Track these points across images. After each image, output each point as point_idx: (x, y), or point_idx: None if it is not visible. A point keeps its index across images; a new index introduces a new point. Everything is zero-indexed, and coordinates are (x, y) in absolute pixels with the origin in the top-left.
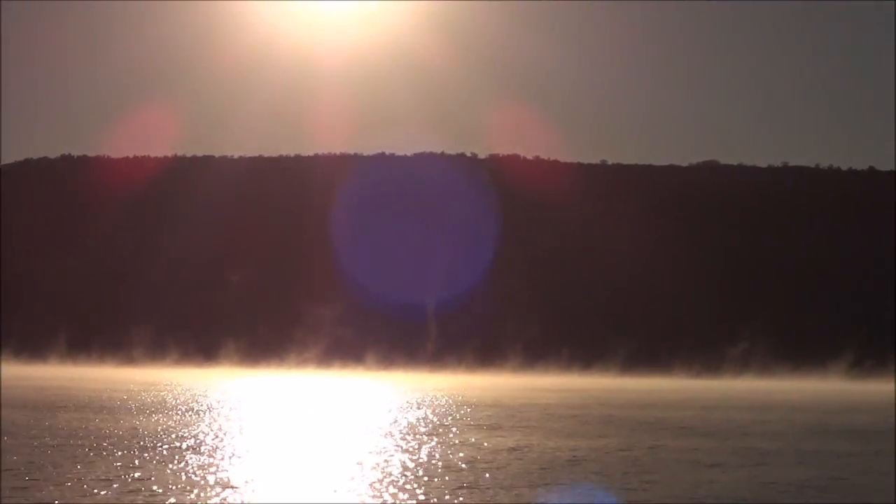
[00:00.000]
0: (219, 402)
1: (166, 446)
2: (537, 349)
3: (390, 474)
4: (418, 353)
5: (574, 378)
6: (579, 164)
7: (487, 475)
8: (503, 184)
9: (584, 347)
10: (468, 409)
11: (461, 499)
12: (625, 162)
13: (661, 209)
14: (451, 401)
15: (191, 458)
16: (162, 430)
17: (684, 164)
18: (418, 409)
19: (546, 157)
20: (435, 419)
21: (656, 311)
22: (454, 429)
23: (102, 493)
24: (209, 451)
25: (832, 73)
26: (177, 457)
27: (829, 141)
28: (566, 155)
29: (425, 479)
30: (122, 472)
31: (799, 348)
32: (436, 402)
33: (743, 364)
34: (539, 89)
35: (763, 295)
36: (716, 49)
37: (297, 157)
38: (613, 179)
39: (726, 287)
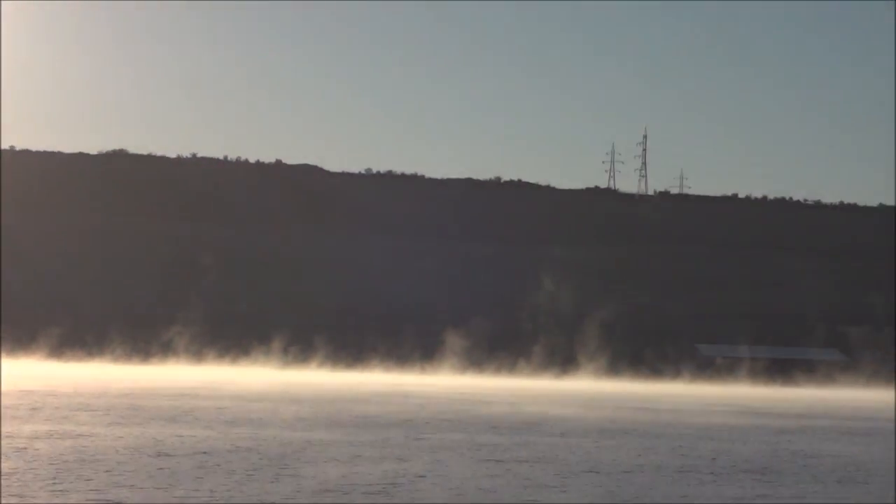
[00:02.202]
0: None
1: None
2: None
3: None
4: None
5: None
6: None
7: None
8: None
9: (13, 331)
10: None
11: None
12: (34, 149)
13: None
14: None
15: None
16: None
17: (94, 152)
18: None
19: None
20: None
21: (87, 295)
22: None
23: None
24: None
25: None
26: None
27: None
28: None
29: None
30: None
31: (230, 334)
32: None
33: (175, 349)
34: None
35: (199, 281)
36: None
37: None
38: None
39: (164, 273)
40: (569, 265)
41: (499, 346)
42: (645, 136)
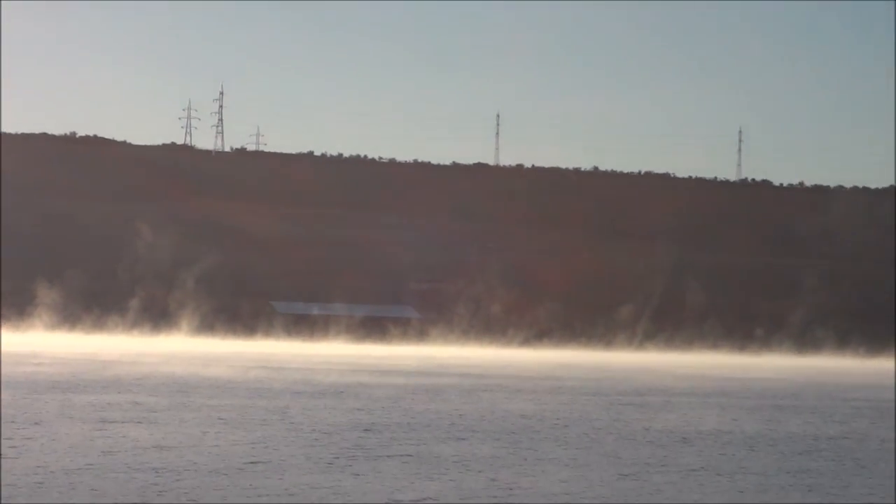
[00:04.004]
0: None
1: None
2: None
3: None
4: None
5: None
6: None
7: None
8: None
9: None
10: None
11: None
12: None
13: None
14: None
15: None
16: None
17: None
18: None
19: None
20: None
21: None
22: None
23: None
24: None
25: None
26: None
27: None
28: None
29: None
30: None
31: None
32: None
33: None
34: None
35: None
36: None
37: None
38: None
39: None
40: (154, 221)
41: (94, 301)
42: (221, 93)
